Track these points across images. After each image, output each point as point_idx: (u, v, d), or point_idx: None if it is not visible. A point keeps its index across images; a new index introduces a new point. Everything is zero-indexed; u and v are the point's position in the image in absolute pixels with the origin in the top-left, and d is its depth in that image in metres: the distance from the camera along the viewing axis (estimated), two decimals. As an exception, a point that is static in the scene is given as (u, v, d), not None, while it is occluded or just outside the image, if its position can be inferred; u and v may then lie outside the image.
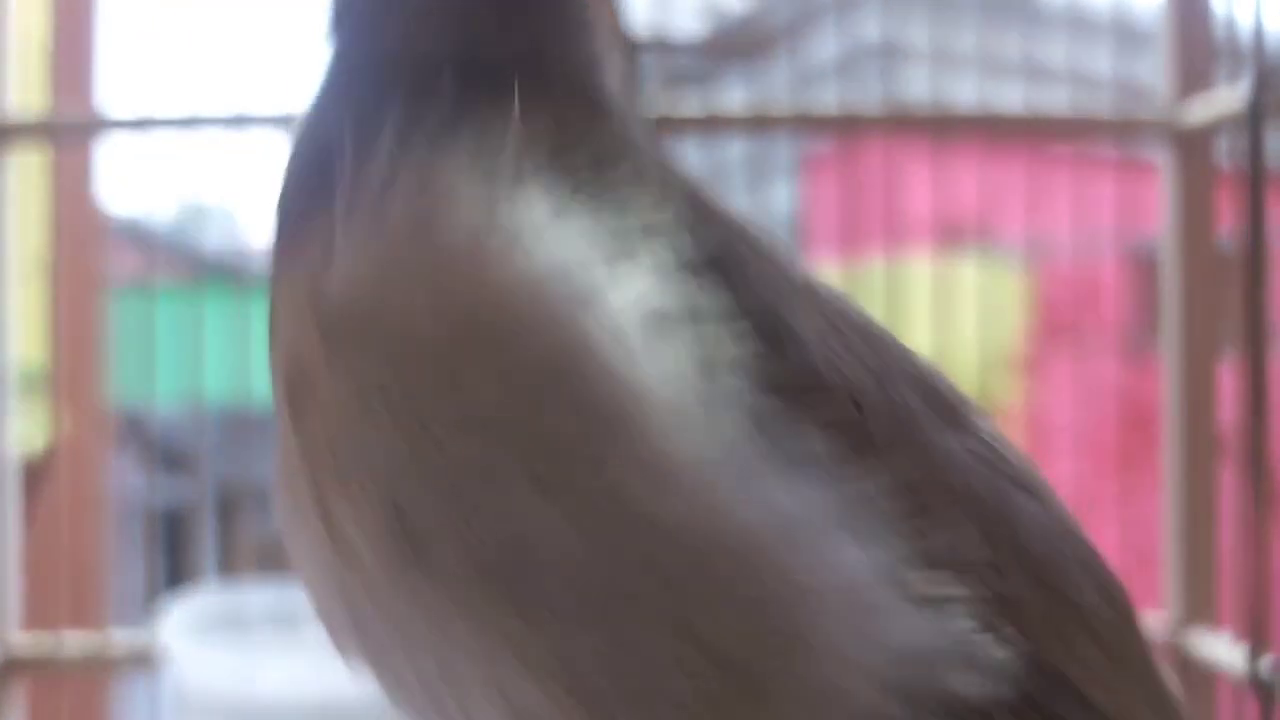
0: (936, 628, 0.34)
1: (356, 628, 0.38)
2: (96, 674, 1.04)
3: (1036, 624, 0.36)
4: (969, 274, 1.24)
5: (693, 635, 0.33)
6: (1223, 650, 0.84)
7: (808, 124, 0.95)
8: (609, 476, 0.33)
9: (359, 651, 0.39)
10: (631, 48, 0.43)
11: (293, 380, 0.38)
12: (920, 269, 1.25)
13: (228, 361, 1.06)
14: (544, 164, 0.36)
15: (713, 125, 0.91)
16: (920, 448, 0.37)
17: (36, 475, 1.10)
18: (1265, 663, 0.70)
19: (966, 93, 1.21)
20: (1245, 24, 0.81)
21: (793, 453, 0.34)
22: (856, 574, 0.33)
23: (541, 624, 0.33)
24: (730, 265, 0.36)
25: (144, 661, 0.92)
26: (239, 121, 0.91)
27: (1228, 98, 0.85)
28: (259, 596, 0.98)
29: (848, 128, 0.97)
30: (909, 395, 0.38)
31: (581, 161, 0.36)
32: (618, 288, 0.34)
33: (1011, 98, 1.05)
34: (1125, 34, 1.29)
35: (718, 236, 0.37)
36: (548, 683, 0.34)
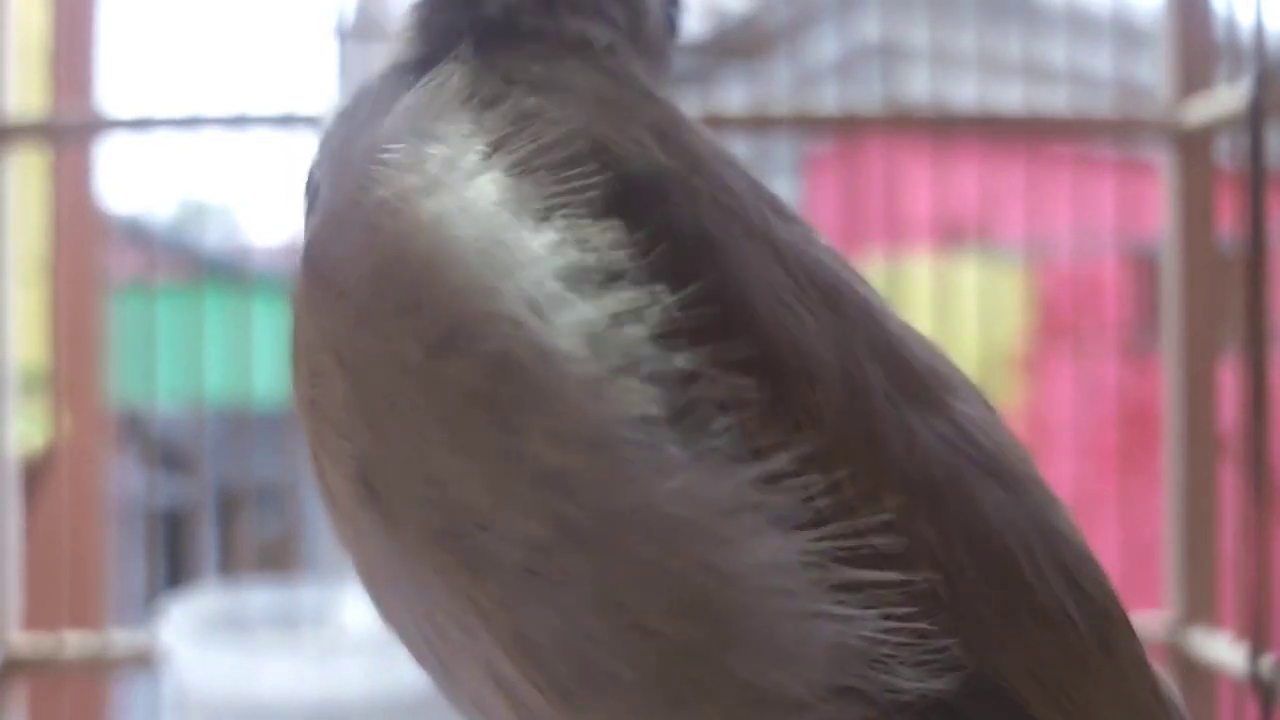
0: (868, 623, 0.32)
1: (358, 569, 0.38)
2: (97, 675, 1.04)
3: (986, 624, 0.34)
4: (969, 274, 1.24)
5: (624, 609, 0.31)
6: (1223, 650, 0.84)
7: (808, 124, 0.95)
8: (513, 433, 0.32)
9: (366, 592, 0.39)
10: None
11: (292, 328, 0.39)
12: (920, 269, 1.24)
13: (228, 361, 1.05)
14: (475, 116, 0.36)
15: (713, 125, 0.90)
16: (873, 429, 0.34)
17: (37, 475, 1.10)
18: (1265, 662, 0.70)
19: (966, 93, 1.21)
20: (1245, 24, 0.81)
21: (713, 426, 0.32)
22: (779, 562, 0.32)
23: (490, 584, 0.33)
24: (675, 208, 0.35)
25: (144, 662, 0.92)
26: (239, 121, 0.91)
27: (1228, 98, 0.85)
28: (259, 596, 0.98)
29: (848, 128, 0.97)
30: (872, 368, 0.35)
31: (513, 110, 0.36)
32: (533, 242, 0.33)
33: (1011, 98, 1.05)
34: (1125, 34, 1.29)
35: (672, 176, 0.35)
36: (512, 652, 0.33)
